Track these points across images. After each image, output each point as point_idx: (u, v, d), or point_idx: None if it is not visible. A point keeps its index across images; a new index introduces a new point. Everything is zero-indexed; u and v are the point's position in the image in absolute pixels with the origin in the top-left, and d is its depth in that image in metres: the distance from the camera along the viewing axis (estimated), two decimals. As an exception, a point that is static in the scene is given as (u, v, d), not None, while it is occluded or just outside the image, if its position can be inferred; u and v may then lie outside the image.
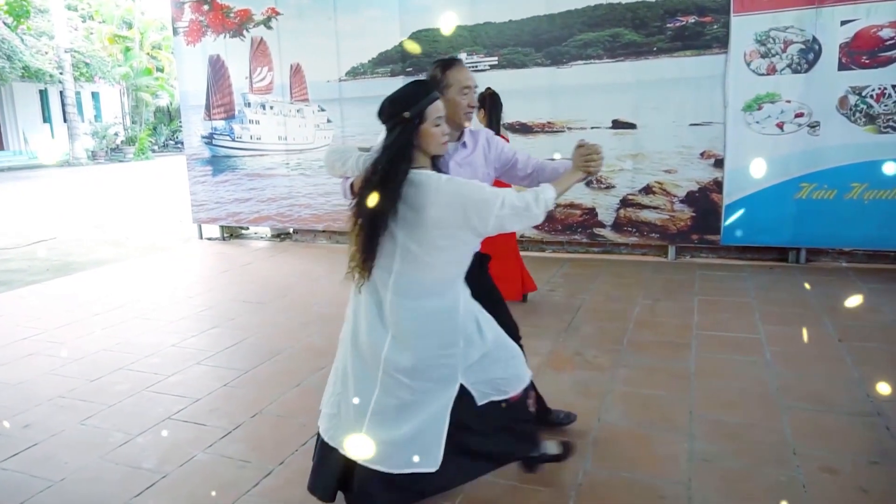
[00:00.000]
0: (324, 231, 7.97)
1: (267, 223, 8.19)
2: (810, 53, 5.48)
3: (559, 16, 6.30)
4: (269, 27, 7.63)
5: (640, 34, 6.02)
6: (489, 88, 4.63)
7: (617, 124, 6.27)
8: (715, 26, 5.74)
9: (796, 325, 4.22)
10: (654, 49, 5.99)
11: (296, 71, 7.61)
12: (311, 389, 3.60)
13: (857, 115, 5.44)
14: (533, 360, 3.85)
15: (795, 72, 5.55)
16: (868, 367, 3.57)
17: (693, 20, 5.81)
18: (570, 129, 6.47)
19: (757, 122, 5.73)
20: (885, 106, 5.36)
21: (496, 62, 6.64)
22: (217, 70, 8.10)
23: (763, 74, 5.66)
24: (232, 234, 8.73)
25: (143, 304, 5.42)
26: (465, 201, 2.09)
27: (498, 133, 4.03)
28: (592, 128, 6.37)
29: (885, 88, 5.34)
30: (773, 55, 5.60)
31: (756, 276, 5.57)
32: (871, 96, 5.40)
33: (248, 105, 7.98)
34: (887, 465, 2.62)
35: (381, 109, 2.18)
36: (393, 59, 7.05)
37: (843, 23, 5.37)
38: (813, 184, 5.62)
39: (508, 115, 6.67)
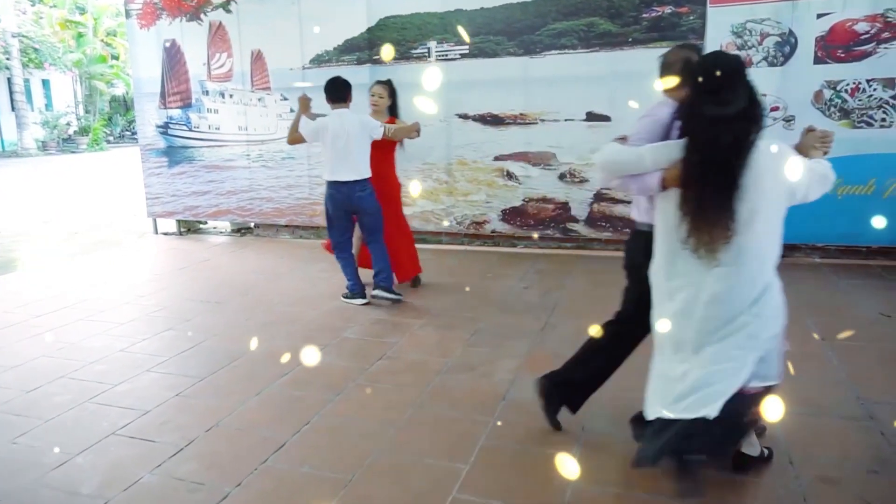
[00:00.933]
0: (286, 226, 7.63)
1: (226, 217, 7.81)
2: (786, 46, 5.40)
3: (532, 4, 6.09)
4: (229, 11, 7.23)
5: (616, 24, 5.86)
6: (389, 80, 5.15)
7: (591, 117, 6.11)
8: (691, 17, 5.61)
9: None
10: (630, 40, 5.83)
11: (257, 58, 7.25)
12: (275, 398, 3.32)
13: (832, 109, 5.38)
14: (510, 363, 3.67)
15: (771, 65, 5.46)
16: (853, 366, 3.47)
17: (669, 10, 5.67)
18: (542, 121, 6.28)
19: (733, 116, 5.62)
20: (860, 101, 5.31)
21: (467, 51, 6.40)
22: (173, 56, 7.67)
23: (739, 67, 5.55)
24: (189, 228, 8.31)
25: (91, 305, 5.04)
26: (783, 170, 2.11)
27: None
28: (566, 120, 6.19)
29: (860, 83, 5.29)
30: (750, 48, 5.50)
31: (732, 273, 5.47)
32: (846, 91, 5.34)
33: (206, 93, 7.58)
34: (887, 474, 2.50)
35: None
36: (360, 47, 6.76)
37: (820, 16, 5.30)
38: (788, 179, 5.55)
39: (480, 106, 6.49)
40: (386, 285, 4.82)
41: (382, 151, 5.01)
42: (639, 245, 2.61)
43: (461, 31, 6.19)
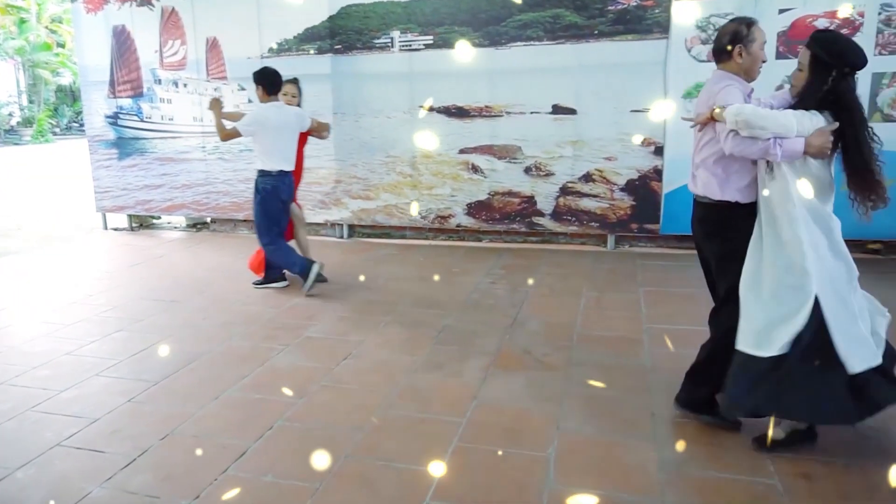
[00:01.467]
0: (244, 220, 7.37)
1: (181, 212, 7.51)
2: (750, 41, 5.42)
3: (498, -6, 6.00)
4: (181, -5, 6.93)
5: (582, 16, 5.81)
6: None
7: (557, 109, 6.06)
8: (656, 10, 5.60)
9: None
10: (596, 32, 5.79)
11: (212, 45, 6.96)
12: (235, 402, 3.15)
13: (788, 111, 5.44)
14: (480, 360, 3.58)
15: (735, 59, 5.48)
16: (820, 359, 3.48)
17: (635, 3, 5.64)
18: (508, 113, 6.20)
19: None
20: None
21: (431, 41, 6.27)
22: (122, 42, 7.32)
23: (703, 61, 5.57)
24: (142, 223, 7.97)
25: (35, 305, 4.74)
26: None
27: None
28: (532, 112, 6.12)
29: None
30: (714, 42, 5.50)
31: (696, 266, 5.45)
32: (784, 88, 5.40)
33: (159, 82, 7.25)
34: (860, 466, 2.49)
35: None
36: (321, 36, 6.55)
37: (781, 11, 5.35)
38: (750, 173, 5.60)
39: (444, 98, 6.37)
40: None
41: (301, 144, 5.15)
42: (722, 219, 2.74)
43: None
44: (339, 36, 6.50)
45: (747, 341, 2.56)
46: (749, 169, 2.66)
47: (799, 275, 2.48)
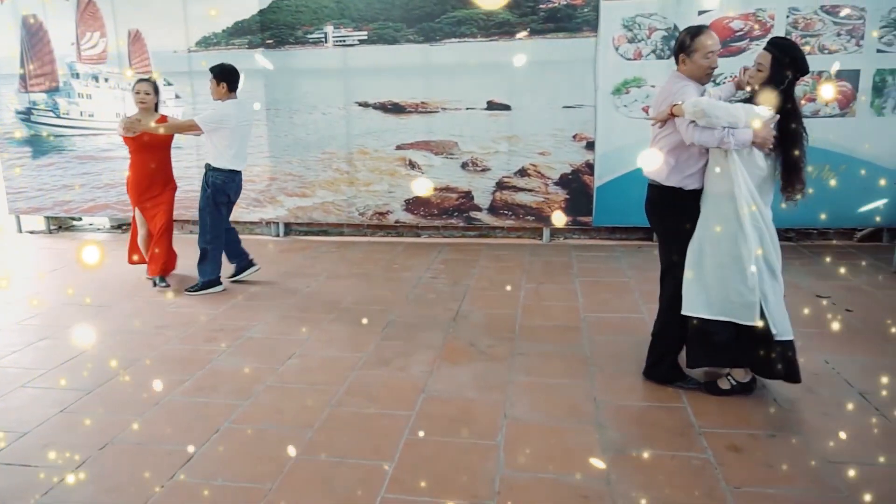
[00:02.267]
0: (175, 220, 7.09)
1: (104, 213, 7.17)
2: (672, 40, 5.70)
3: (431, -10, 6.03)
4: (99, -16, 6.60)
5: (514, 14, 5.93)
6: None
7: (492, 105, 6.16)
8: (585, 9, 5.78)
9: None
10: (528, 30, 5.92)
11: (135, 38, 6.67)
12: (176, 407, 3.06)
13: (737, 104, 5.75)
14: (426, 354, 3.62)
15: (659, 58, 5.75)
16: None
17: (565, 2, 5.81)
18: (444, 109, 6.26)
19: (625, 106, 5.88)
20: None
21: (366, 37, 6.24)
22: (34, 34, 6.90)
23: (630, 59, 5.81)
24: (60, 225, 7.56)
25: (-54, 315, 4.43)
26: None
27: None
28: (468, 108, 6.20)
29: (736, 77, 5.67)
30: (640, 41, 5.76)
31: (628, 256, 5.74)
32: (724, 83, 5.71)
33: (77, 76, 6.88)
34: (783, 436, 2.69)
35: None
36: (251, 30, 6.39)
37: (701, 13, 5.64)
38: (675, 166, 5.89)
39: (380, 94, 6.35)
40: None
41: (164, 148, 5.01)
42: (672, 203, 3.05)
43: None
44: (270, 30, 6.37)
45: (696, 307, 2.96)
46: (695, 161, 2.96)
47: (739, 248, 2.84)
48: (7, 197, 7.28)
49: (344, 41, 6.28)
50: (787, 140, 2.77)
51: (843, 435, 2.69)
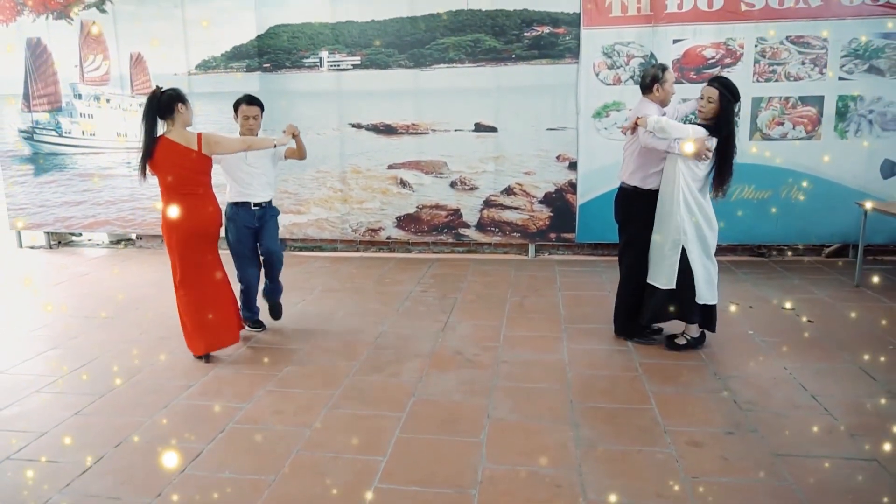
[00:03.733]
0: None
1: (104, 228, 7.39)
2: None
3: (422, 19, 6.36)
4: (104, 11, 6.88)
5: (500, 41, 6.27)
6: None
7: (479, 127, 6.48)
8: (567, 37, 6.13)
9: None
10: (513, 56, 6.26)
11: (137, 61, 6.95)
12: (184, 409, 3.30)
13: (688, 124, 6.08)
14: (416, 363, 3.87)
15: (637, 83, 6.07)
16: (709, 348, 4.01)
17: (548, 31, 6.15)
18: (434, 130, 6.56)
19: (605, 129, 6.21)
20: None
21: (359, 62, 6.55)
22: (38, 56, 7.16)
23: (610, 84, 6.15)
24: (60, 241, 7.77)
25: (-43, 326, 4.64)
26: None
27: None
28: (456, 130, 6.51)
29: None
30: (618, 67, 6.10)
31: (609, 271, 6.02)
32: (690, 101, 6.06)
33: (79, 97, 7.14)
34: (739, 433, 2.96)
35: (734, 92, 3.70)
36: (249, 54, 6.69)
37: (675, 41, 6.00)
38: (653, 185, 6.21)
39: (372, 116, 6.65)
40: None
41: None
42: (630, 199, 4.03)
43: None
44: (267, 55, 6.67)
45: (654, 278, 3.95)
46: (652, 165, 3.90)
47: (678, 233, 3.78)
48: (8, 213, 7.49)
49: (338, 66, 6.59)
50: (725, 151, 3.67)
51: (793, 432, 2.97)
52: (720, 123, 3.66)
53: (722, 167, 3.69)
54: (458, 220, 6.66)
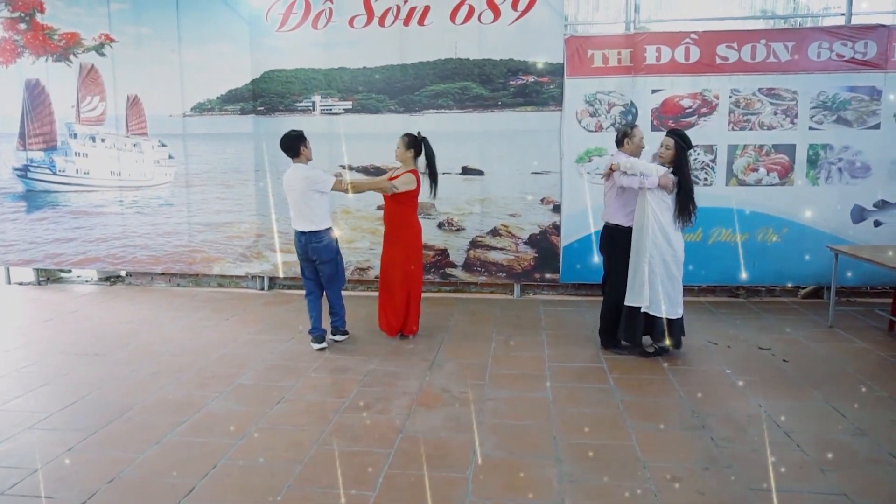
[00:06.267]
0: (162, 273, 7.43)
1: (94, 265, 7.45)
2: (629, 115, 6.34)
3: (412, 66, 6.63)
4: (102, 54, 7.09)
5: (487, 89, 6.54)
6: None
7: (466, 171, 6.69)
8: (551, 86, 6.41)
9: (634, 355, 4.78)
10: (499, 103, 6.52)
11: (133, 103, 7.13)
12: (176, 446, 3.35)
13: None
14: (403, 400, 3.96)
15: (617, 130, 6.35)
16: (688, 386, 4.15)
17: (533, 80, 6.44)
18: (422, 173, 6.72)
19: (588, 173, 6.45)
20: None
21: (350, 106, 6.78)
22: (36, 96, 7.33)
23: (592, 131, 6.42)
24: (49, 277, 7.81)
25: (-53, 362, 4.66)
26: None
27: None
28: (444, 173, 6.69)
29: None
30: (600, 115, 6.38)
31: (592, 311, 6.17)
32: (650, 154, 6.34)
33: (75, 136, 7.29)
34: (716, 469, 3.08)
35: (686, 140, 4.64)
36: (244, 97, 6.90)
37: (654, 91, 6.30)
38: (634, 228, 6.43)
39: (363, 158, 6.85)
40: (335, 327, 5.24)
41: (398, 202, 5.18)
42: (612, 235, 4.82)
43: None
44: (261, 98, 6.88)
45: (631, 300, 4.66)
46: (628, 203, 4.70)
47: (647, 254, 4.54)
48: (-2, 249, 7.54)
49: (330, 110, 6.82)
50: (682, 186, 4.49)
51: (767, 467, 3.09)
52: (678, 165, 4.53)
53: (682, 200, 4.50)
54: (446, 259, 6.81)
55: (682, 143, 4.54)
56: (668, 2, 6.79)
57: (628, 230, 4.69)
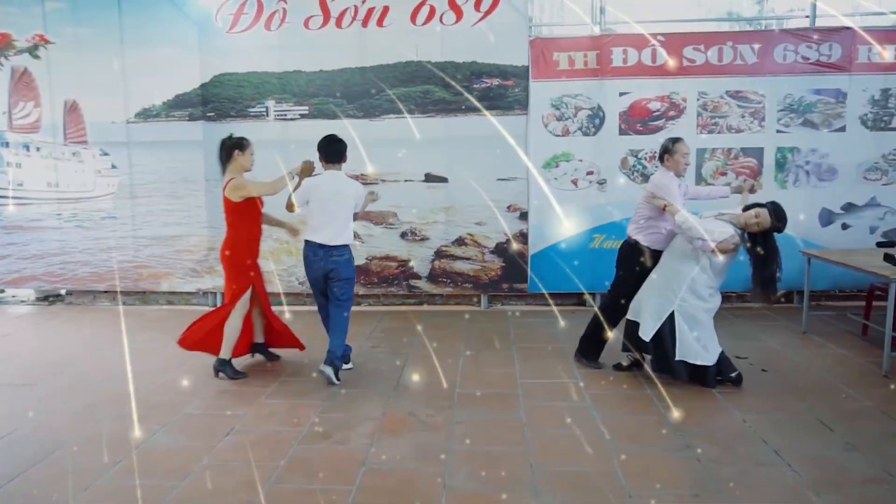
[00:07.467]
0: (106, 292, 6.93)
1: (30, 284, 6.91)
2: (597, 119, 6.16)
3: (371, 69, 6.33)
4: (36, 56, 6.60)
5: (449, 92, 6.28)
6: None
7: (430, 178, 6.42)
8: (516, 90, 6.20)
9: (608, 368, 4.55)
10: (463, 107, 6.27)
11: (71, 109, 6.65)
12: (107, 491, 2.96)
13: (636, 174, 6.20)
14: (366, 426, 3.66)
15: (585, 134, 6.19)
16: (668, 401, 3.93)
17: (497, 83, 6.21)
18: (384, 181, 6.45)
19: (555, 179, 6.25)
20: (656, 167, 6.16)
21: (307, 111, 6.44)
22: (-37, 102, 6.77)
23: (559, 135, 6.22)
24: (-20, 297, 7.22)
25: None
26: None
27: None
28: (406, 181, 6.43)
29: (655, 152, 6.14)
30: (567, 119, 6.19)
31: (566, 321, 5.94)
32: (645, 158, 6.19)
33: (6, 145, 6.76)
34: (705, 496, 2.85)
35: None
36: (192, 103, 6.49)
37: (621, 94, 6.14)
38: (603, 234, 6.25)
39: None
40: (344, 353, 4.59)
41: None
42: (637, 255, 4.39)
43: None
44: (211, 103, 6.49)
45: (635, 315, 4.27)
46: (654, 228, 4.35)
47: (673, 300, 4.11)
48: (-77, 268, 6.93)
49: (285, 115, 6.47)
50: (767, 261, 4.00)
51: (758, 490, 2.87)
52: (756, 240, 3.98)
53: (760, 270, 4.01)
54: (409, 271, 6.51)
55: (776, 225, 3.96)
56: (634, 4, 6.67)
57: (648, 250, 4.34)
